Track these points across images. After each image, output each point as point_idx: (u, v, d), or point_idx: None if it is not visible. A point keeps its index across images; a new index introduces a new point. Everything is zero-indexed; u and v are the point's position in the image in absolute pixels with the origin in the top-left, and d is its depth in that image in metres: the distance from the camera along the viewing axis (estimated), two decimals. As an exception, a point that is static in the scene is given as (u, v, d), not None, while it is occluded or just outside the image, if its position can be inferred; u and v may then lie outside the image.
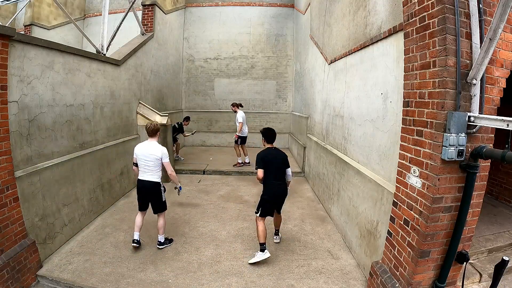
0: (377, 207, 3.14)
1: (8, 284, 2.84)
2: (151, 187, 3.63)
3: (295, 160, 8.74)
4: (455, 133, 2.06)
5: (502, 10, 1.72)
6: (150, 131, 3.57)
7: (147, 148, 3.56)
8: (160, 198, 3.71)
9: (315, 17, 6.84)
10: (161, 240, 3.79)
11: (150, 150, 3.54)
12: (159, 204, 3.74)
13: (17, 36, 3.03)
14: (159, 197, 3.70)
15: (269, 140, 3.74)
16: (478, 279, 3.28)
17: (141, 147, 3.60)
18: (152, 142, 3.59)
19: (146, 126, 3.61)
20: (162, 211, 3.80)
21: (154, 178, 3.62)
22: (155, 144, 3.58)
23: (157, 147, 3.57)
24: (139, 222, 3.71)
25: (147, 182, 3.60)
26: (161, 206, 3.76)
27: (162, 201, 3.75)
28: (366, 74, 3.60)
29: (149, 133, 3.59)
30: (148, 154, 3.53)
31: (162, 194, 3.74)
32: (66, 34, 9.93)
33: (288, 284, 3.17)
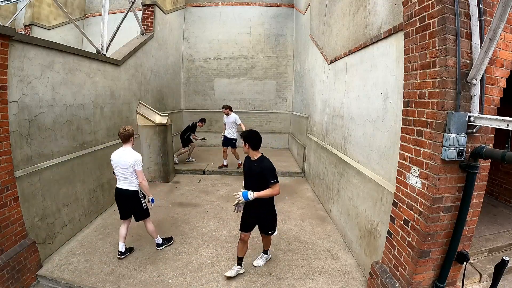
0: (377, 207, 3.14)
1: (8, 284, 2.84)
2: (128, 196, 3.46)
3: (295, 160, 8.74)
4: (455, 133, 2.06)
5: (502, 10, 1.72)
6: (123, 136, 3.37)
7: (121, 155, 3.36)
8: (140, 206, 3.53)
9: (315, 17, 6.84)
10: (158, 242, 3.73)
11: (124, 157, 3.34)
12: (139, 212, 3.56)
13: (17, 36, 3.03)
14: (138, 205, 3.52)
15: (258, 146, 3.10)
16: (478, 279, 3.28)
17: (116, 154, 3.41)
18: (126, 148, 3.39)
19: (119, 132, 3.41)
20: (144, 218, 3.62)
21: (131, 186, 3.44)
22: (129, 151, 3.38)
23: (131, 153, 3.37)
24: (123, 232, 3.57)
25: (123, 191, 3.45)
26: (142, 214, 3.58)
27: (143, 208, 3.56)
28: (366, 74, 3.60)
29: (122, 139, 3.39)
30: (122, 162, 3.34)
31: (142, 201, 3.54)
32: (66, 34, 9.93)
33: (288, 284, 3.17)
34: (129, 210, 3.56)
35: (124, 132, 3.36)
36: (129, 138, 3.40)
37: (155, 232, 3.70)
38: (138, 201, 3.51)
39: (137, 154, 3.40)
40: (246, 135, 3.03)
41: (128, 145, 3.41)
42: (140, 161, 3.39)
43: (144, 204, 3.56)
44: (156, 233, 3.70)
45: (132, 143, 3.45)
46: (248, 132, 3.07)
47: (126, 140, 3.40)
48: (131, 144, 3.43)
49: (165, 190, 6.14)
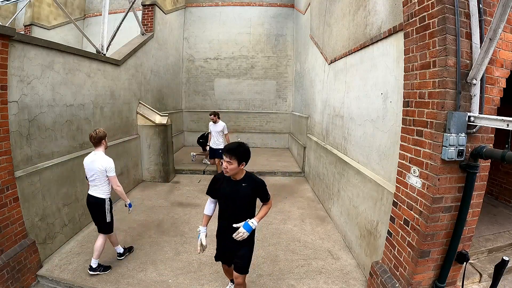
0: (377, 207, 3.14)
1: (8, 284, 2.84)
2: (94, 203, 3.18)
3: (295, 160, 8.74)
4: (455, 133, 2.06)
5: (502, 10, 1.72)
6: (93, 140, 3.11)
7: (92, 160, 3.10)
8: (104, 218, 3.20)
9: (315, 17, 6.84)
10: (93, 264, 3.19)
11: (95, 162, 3.08)
12: (102, 224, 3.23)
13: (17, 36, 3.03)
14: (102, 216, 3.20)
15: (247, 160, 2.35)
16: (478, 279, 3.28)
17: (86, 159, 3.15)
18: (97, 153, 3.13)
19: (89, 135, 3.15)
20: (106, 233, 3.28)
21: (98, 194, 3.16)
22: (100, 155, 3.11)
23: (101, 159, 3.09)
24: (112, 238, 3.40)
25: (91, 197, 3.18)
26: (104, 227, 3.25)
27: (106, 222, 3.22)
28: (366, 74, 3.60)
29: (93, 142, 3.13)
30: (92, 167, 3.08)
31: (107, 213, 3.20)
32: (66, 34, 9.93)
33: (288, 284, 3.17)
34: (94, 219, 3.27)
35: (95, 135, 3.10)
36: (100, 141, 3.13)
37: (99, 252, 3.23)
38: (103, 211, 3.19)
39: (109, 160, 3.12)
40: (242, 151, 2.26)
41: (100, 149, 3.15)
42: (112, 168, 3.11)
43: (109, 217, 3.24)
44: (99, 255, 3.23)
45: (104, 146, 3.19)
46: (243, 146, 2.30)
47: (97, 144, 3.13)
48: (103, 148, 3.17)
49: (165, 190, 6.14)
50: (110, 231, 3.32)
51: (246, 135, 10.77)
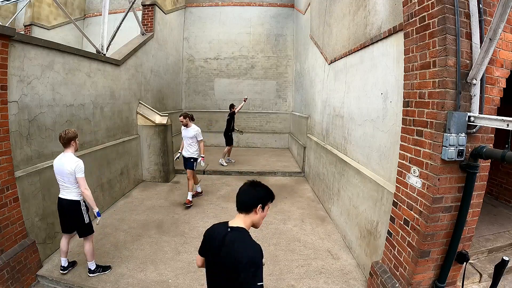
0: (377, 207, 3.14)
1: (8, 284, 2.84)
2: (68, 206, 3.02)
3: (295, 160, 8.74)
4: (455, 133, 2.06)
5: (502, 10, 1.72)
6: (62, 140, 2.95)
7: (61, 161, 2.95)
8: (82, 220, 3.07)
9: (315, 17, 6.84)
10: (91, 267, 3.18)
11: (64, 164, 2.93)
12: (81, 226, 3.09)
13: (17, 36, 3.03)
14: (79, 218, 3.06)
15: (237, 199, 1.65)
16: (478, 279, 3.28)
17: (56, 160, 3.01)
18: (66, 154, 2.97)
19: (59, 135, 2.99)
20: (87, 234, 3.14)
21: (71, 196, 3.00)
22: (69, 156, 2.95)
23: (70, 159, 2.93)
24: (64, 246, 3.17)
25: (64, 201, 3.03)
26: (84, 229, 3.11)
27: (85, 223, 3.09)
28: (366, 74, 3.60)
29: (62, 143, 2.98)
30: (61, 168, 2.94)
31: (84, 214, 3.08)
32: (66, 34, 9.93)
33: (288, 284, 3.17)
34: (70, 223, 3.10)
35: (64, 135, 2.94)
36: (70, 141, 2.97)
37: (90, 255, 3.17)
38: (79, 213, 3.05)
39: (77, 160, 2.97)
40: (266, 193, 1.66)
41: (69, 150, 2.99)
42: (81, 168, 2.94)
43: (87, 218, 3.10)
44: (92, 256, 3.18)
45: (74, 148, 3.02)
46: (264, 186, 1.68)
47: (66, 145, 2.97)
48: (72, 149, 3.01)
49: (165, 190, 6.14)
50: (91, 232, 3.17)
51: (246, 135, 10.77)
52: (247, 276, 1.43)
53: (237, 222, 1.60)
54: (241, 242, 1.52)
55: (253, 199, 1.60)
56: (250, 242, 1.54)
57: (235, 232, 1.56)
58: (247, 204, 1.60)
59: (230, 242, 1.52)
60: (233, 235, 1.55)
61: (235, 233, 1.55)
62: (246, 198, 1.61)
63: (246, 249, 1.49)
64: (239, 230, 1.57)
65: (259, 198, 1.61)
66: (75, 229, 3.13)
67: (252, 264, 1.44)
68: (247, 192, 1.62)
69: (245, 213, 1.60)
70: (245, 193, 1.62)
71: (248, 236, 1.57)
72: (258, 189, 1.63)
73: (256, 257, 1.47)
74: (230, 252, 1.49)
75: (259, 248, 1.53)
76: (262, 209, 1.62)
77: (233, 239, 1.53)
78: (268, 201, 1.65)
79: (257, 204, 1.59)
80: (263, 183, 1.68)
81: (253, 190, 1.63)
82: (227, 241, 1.53)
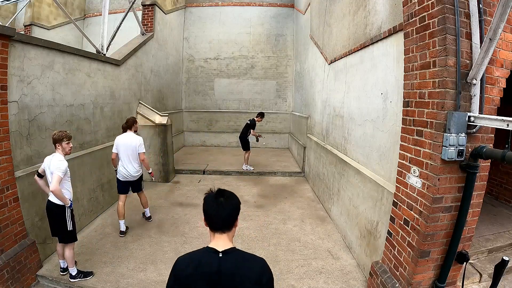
0: (377, 207, 3.14)
1: (8, 284, 2.84)
2: (53, 209, 2.93)
3: (295, 160, 8.74)
4: (455, 133, 2.06)
5: (502, 10, 1.72)
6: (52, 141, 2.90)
7: (49, 161, 2.88)
8: (65, 226, 2.95)
9: (315, 17, 6.84)
10: (72, 273, 3.10)
11: (50, 165, 2.86)
12: (63, 233, 2.97)
13: (17, 36, 3.03)
14: (63, 224, 2.95)
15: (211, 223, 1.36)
16: (478, 279, 3.28)
17: (45, 160, 2.93)
18: (54, 154, 2.90)
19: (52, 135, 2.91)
20: (68, 242, 3.01)
21: (56, 199, 2.89)
22: (56, 157, 2.87)
23: (56, 160, 2.84)
24: (60, 249, 3.13)
25: (51, 204, 2.92)
26: (66, 235, 2.99)
27: (67, 230, 2.96)
28: (366, 74, 3.60)
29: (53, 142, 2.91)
30: (48, 171, 2.88)
31: (68, 221, 2.96)
32: (66, 34, 9.93)
33: (288, 284, 3.17)
34: (54, 227, 3.00)
35: (53, 136, 2.90)
36: (55, 144, 2.91)
37: (71, 261, 3.09)
38: (63, 219, 2.95)
39: (61, 160, 2.85)
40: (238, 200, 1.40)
41: (57, 152, 2.92)
42: (60, 168, 2.80)
43: (70, 226, 2.99)
44: (72, 263, 3.11)
45: (60, 150, 2.93)
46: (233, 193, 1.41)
47: (55, 147, 2.93)
48: (60, 151, 2.92)
49: (165, 190, 6.14)
50: (73, 240, 3.06)
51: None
52: None
53: (224, 243, 1.30)
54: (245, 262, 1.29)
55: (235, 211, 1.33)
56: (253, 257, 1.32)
57: (231, 254, 1.28)
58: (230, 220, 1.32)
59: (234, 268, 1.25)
60: (231, 259, 1.26)
61: (231, 256, 1.28)
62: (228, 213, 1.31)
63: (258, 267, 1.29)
64: (233, 250, 1.30)
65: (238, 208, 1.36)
66: (58, 234, 3.01)
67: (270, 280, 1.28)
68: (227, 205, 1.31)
69: (228, 231, 1.32)
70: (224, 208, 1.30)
71: (246, 253, 1.34)
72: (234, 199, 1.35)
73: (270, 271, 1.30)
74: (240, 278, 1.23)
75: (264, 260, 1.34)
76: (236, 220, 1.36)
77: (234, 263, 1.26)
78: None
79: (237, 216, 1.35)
80: (228, 190, 1.38)
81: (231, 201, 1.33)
82: (226, 269, 1.23)
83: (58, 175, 2.78)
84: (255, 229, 4.44)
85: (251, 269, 1.26)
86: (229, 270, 1.24)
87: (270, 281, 1.27)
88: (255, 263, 1.31)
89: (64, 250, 3.07)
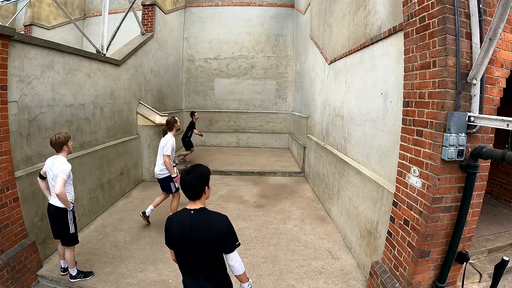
0: (377, 207, 3.14)
1: (8, 284, 2.84)
2: (54, 213, 2.91)
3: (295, 160, 8.74)
4: (455, 133, 2.06)
5: (502, 10, 1.72)
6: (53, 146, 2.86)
7: (52, 163, 2.84)
8: (67, 229, 2.94)
9: (315, 17, 6.84)
10: (72, 273, 3.11)
11: (52, 168, 2.82)
12: (65, 236, 2.97)
13: (17, 36, 3.03)
14: (65, 227, 2.93)
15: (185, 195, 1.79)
16: (478, 279, 3.28)
17: (47, 162, 2.90)
18: (57, 157, 2.86)
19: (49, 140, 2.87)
20: (70, 244, 3.01)
21: (57, 202, 2.86)
22: (59, 160, 2.82)
23: (59, 163, 2.80)
24: (61, 250, 3.13)
25: (51, 207, 2.90)
26: (68, 239, 2.98)
27: (70, 233, 2.96)
28: (366, 74, 3.60)
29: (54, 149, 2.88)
30: (52, 174, 2.83)
31: (70, 224, 2.94)
32: (66, 34, 9.93)
33: (288, 284, 3.17)
34: (56, 230, 2.99)
35: (55, 141, 2.82)
36: (61, 147, 2.87)
37: (72, 263, 3.09)
38: (65, 222, 2.93)
39: (64, 163, 2.81)
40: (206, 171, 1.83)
41: (61, 154, 2.88)
42: (64, 170, 2.76)
43: (72, 229, 2.98)
44: (73, 264, 3.11)
45: (66, 152, 2.92)
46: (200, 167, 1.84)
47: (59, 150, 2.88)
48: (65, 153, 2.91)
49: (165, 190, 6.13)
50: (75, 243, 3.06)
51: (246, 135, 10.79)
52: (227, 240, 1.72)
53: (196, 206, 1.76)
54: (210, 217, 1.75)
55: (200, 185, 1.75)
56: (217, 214, 1.78)
57: (199, 212, 1.74)
58: (197, 191, 1.75)
59: (200, 221, 1.71)
60: (199, 215, 1.73)
61: (199, 213, 1.74)
62: (193, 188, 1.73)
63: (219, 221, 1.74)
64: (201, 210, 1.76)
65: (203, 182, 1.77)
66: (60, 237, 3.02)
67: (230, 231, 1.74)
68: (193, 181, 1.73)
69: (198, 199, 1.77)
70: (191, 184, 1.73)
71: (213, 212, 1.79)
72: (197, 177, 1.74)
73: (230, 224, 1.76)
74: (204, 229, 1.69)
75: (226, 216, 1.78)
76: (208, 187, 1.82)
77: (201, 217, 1.72)
78: (209, 178, 1.83)
79: (204, 187, 1.77)
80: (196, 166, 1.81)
81: (196, 178, 1.74)
82: (195, 221, 1.70)
83: (62, 178, 2.74)
84: (255, 229, 4.44)
85: (214, 222, 1.72)
86: (198, 223, 1.70)
87: (230, 232, 1.74)
88: (218, 218, 1.75)
89: (64, 251, 3.06)
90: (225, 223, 1.73)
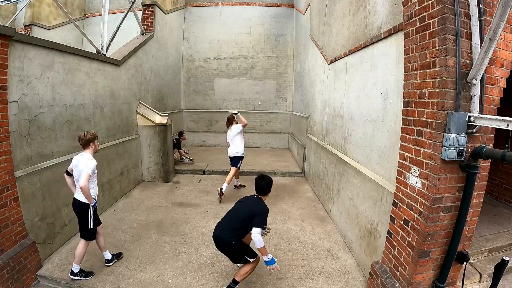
0: (377, 207, 3.14)
1: (8, 284, 2.84)
2: (76, 207, 3.06)
3: (295, 160, 8.74)
4: (455, 133, 2.06)
5: (502, 10, 1.72)
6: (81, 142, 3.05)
7: (78, 160, 3.00)
8: (86, 224, 3.07)
9: (315, 17, 6.84)
10: (73, 269, 3.12)
11: (79, 164, 2.97)
12: (84, 230, 3.10)
13: (17, 36, 3.03)
14: (85, 221, 3.07)
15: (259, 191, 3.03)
16: (478, 279, 3.28)
17: (74, 159, 3.07)
18: (84, 153, 3.04)
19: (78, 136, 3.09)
20: (87, 239, 3.13)
21: (80, 197, 3.01)
22: (85, 156, 3.00)
23: (85, 159, 2.97)
24: (100, 243, 3.32)
25: (75, 201, 3.06)
26: (86, 233, 3.11)
27: (89, 228, 3.09)
28: (366, 74, 3.60)
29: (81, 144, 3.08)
30: (77, 169, 2.99)
31: (89, 220, 3.07)
32: (66, 34, 9.93)
33: (288, 284, 3.17)
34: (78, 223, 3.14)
35: (83, 137, 3.04)
36: (88, 144, 3.06)
37: (80, 258, 3.13)
38: (86, 217, 3.07)
39: (90, 159, 2.99)
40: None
41: (87, 151, 3.07)
42: (89, 165, 2.92)
43: (91, 224, 3.10)
44: (79, 260, 3.13)
45: (92, 149, 3.10)
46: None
47: (85, 146, 3.07)
48: (90, 150, 3.09)
49: (165, 190, 6.14)
50: (92, 238, 3.18)
51: (246, 135, 10.67)
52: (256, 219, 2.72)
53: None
54: (259, 203, 2.91)
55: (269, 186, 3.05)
56: (263, 204, 2.91)
57: (258, 198, 3.00)
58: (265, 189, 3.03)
59: (254, 202, 2.96)
60: (256, 199, 3.00)
61: (257, 198, 3.00)
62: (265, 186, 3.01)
63: (261, 207, 2.85)
64: (259, 198, 3.00)
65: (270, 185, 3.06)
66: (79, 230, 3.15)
67: (260, 215, 2.75)
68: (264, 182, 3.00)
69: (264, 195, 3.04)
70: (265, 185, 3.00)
71: (263, 202, 2.95)
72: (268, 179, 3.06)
73: (263, 212, 2.80)
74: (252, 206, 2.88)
75: (267, 209, 2.88)
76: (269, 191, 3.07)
77: (255, 201, 2.97)
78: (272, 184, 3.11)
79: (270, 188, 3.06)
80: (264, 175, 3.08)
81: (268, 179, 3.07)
82: (252, 201, 2.98)
83: (87, 173, 2.90)
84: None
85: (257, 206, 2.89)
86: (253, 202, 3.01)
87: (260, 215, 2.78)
88: (262, 206, 2.91)
89: (78, 244, 3.15)
90: (261, 210, 2.79)
